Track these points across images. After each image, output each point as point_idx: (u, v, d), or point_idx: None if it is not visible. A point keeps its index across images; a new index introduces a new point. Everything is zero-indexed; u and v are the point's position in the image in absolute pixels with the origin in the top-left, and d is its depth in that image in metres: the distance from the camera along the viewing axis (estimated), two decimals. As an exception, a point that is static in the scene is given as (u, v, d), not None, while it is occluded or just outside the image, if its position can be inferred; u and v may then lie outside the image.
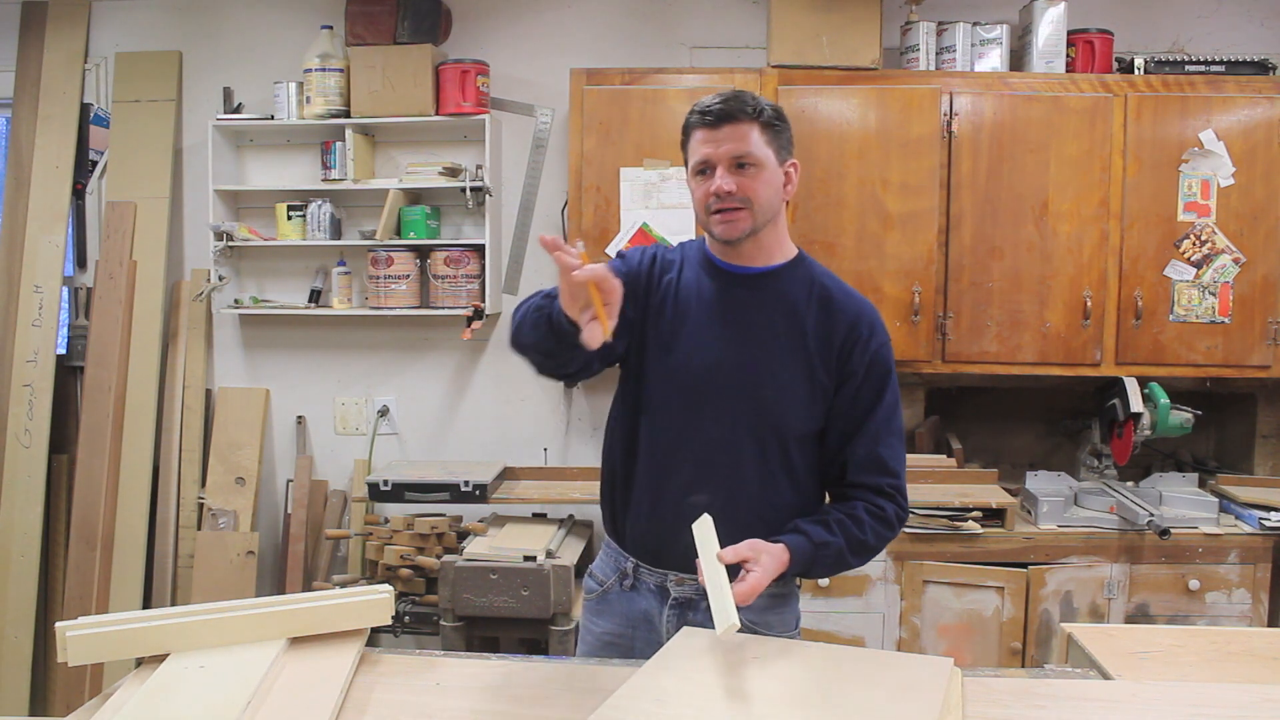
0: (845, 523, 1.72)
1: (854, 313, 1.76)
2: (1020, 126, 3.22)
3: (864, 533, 1.73)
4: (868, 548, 1.75)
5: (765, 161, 1.70)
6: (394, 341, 3.73)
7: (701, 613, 1.77)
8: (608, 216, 3.30)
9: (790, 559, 1.65)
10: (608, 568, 1.89)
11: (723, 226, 1.72)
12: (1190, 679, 1.52)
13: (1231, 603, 3.08)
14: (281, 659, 1.47)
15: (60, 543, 3.68)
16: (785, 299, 1.76)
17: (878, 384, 1.76)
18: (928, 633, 3.09)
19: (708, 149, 1.69)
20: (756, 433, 1.74)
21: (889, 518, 1.75)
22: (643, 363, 1.79)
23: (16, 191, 3.67)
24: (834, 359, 1.75)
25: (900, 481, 1.78)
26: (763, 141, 1.70)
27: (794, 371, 1.74)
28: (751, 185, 1.69)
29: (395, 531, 3.29)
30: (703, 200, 1.72)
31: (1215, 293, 3.22)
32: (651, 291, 1.80)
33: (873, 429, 1.75)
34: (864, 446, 1.75)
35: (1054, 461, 3.64)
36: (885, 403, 1.76)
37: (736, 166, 1.68)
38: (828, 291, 1.78)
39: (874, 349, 1.76)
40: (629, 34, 3.61)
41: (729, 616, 1.45)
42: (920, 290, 3.24)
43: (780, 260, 1.80)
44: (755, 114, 1.69)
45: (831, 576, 1.77)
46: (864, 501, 1.75)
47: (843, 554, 1.72)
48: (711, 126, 1.69)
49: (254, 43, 3.68)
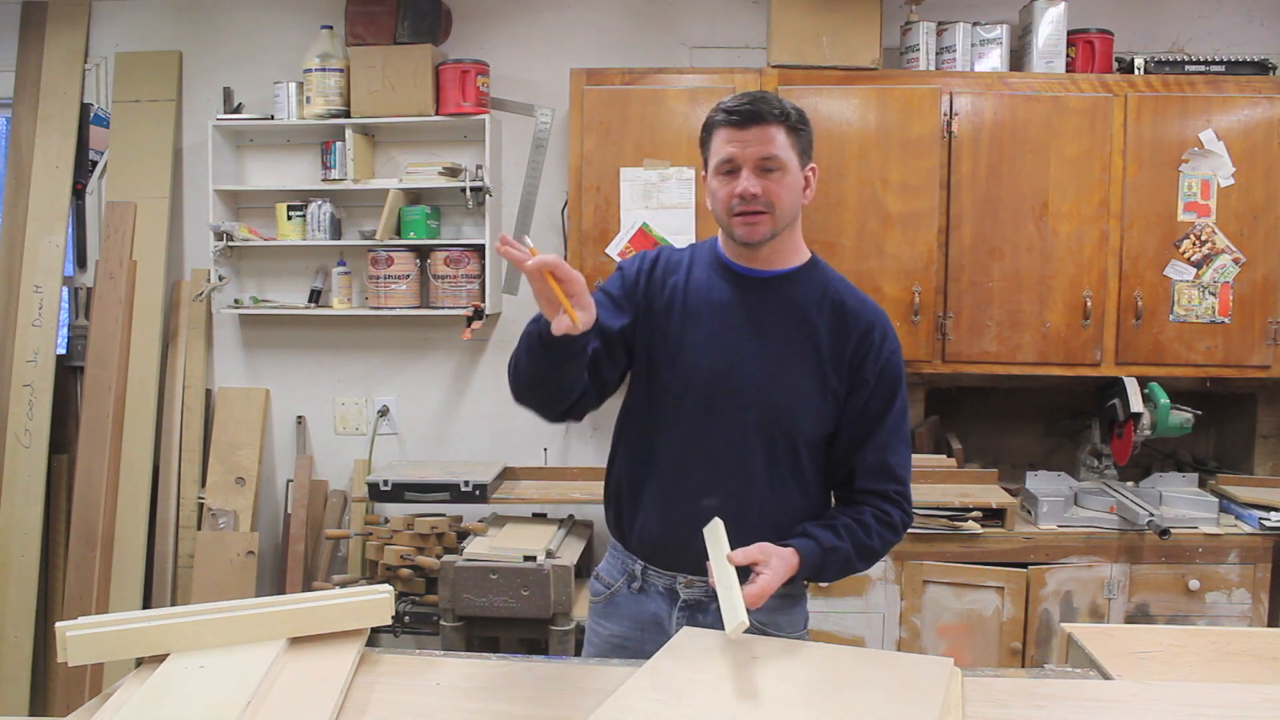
0: (853, 528, 1.73)
1: (867, 320, 1.76)
2: (1020, 126, 3.22)
3: (871, 538, 1.74)
4: (874, 553, 1.76)
5: (789, 165, 1.69)
6: (394, 341, 3.73)
7: (711, 615, 1.77)
8: (608, 216, 3.30)
9: (799, 563, 1.65)
10: (614, 570, 1.88)
11: (744, 229, 1.70)
12: (1190, 679, 1.52)
13: (1231, 603, 3.08)
14: (281, 659, 1.47)
15: (60, 543, 3.68)
16: (798, 303, 1.76)
17: (889, 392, 1.76)
18: (928, 633, 3.09)
19: (733, 149, 1.68)
20: (767, 436, 1.74)
21: (895, 523, 1.76)
22: (652, 365, 1.78)
23: (16, 191, 3.67)
24: (846, 365, 1.75)
25: (906, 488, 1.79)
26: (788, 145, 1.69)
27: (806, 376, 1.74)
28: (775, 189, 1.68)
29: (395, 531, 3.29)
30: (725, 201, 1.70)
31: (1215, 293, 3.22)
32: (654, 295, 1.79)
33: (883, 437, 1.76)
34: (873, 454, 1.76)
35: (1054, 461, 3.64)
36: (895, 410, 1.77)
37: (762, 170, 1.67)
38: (841, 297, 1.77)
39: (886, 356, 1.76)
40: (629, 34, 3.61)
41: (738, 615, 1.46)
42: (920, 290, 3.24)
43: (795, 264, 1.79)
44: (781, 116, 1.68)
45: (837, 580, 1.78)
46: (871, 507, 1.76)
47: (850, 559, 1.73)
48: (738, 126, 1.67)
49: (254, 43, 3.68)
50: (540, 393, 1.69)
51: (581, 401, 1.72)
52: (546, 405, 1.72)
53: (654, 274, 1.81)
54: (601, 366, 1.73)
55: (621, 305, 1.79)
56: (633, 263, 1.84)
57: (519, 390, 1.71)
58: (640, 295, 1.79)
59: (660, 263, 1.82)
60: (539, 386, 1.68)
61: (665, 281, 1.80)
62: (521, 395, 1.71)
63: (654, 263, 1.82)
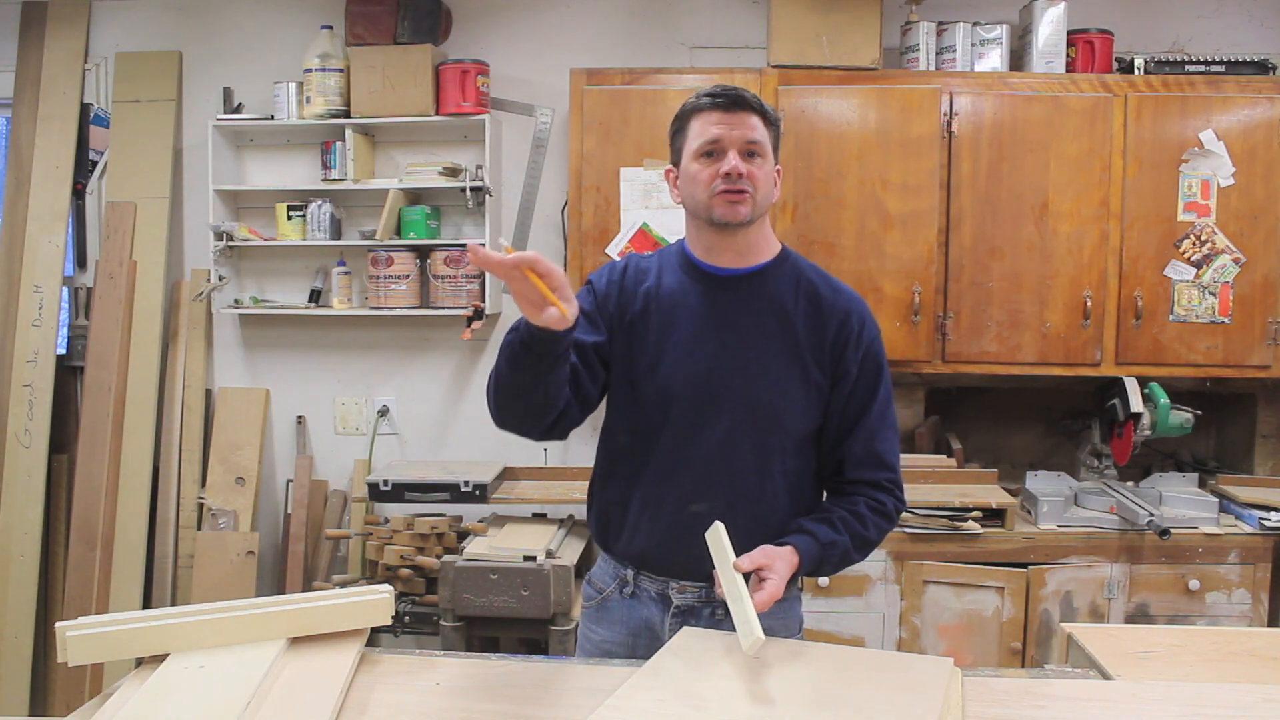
0: (849, 520, 1.72)
1: (844, 308, 1.74)
2: (1020, 126, 3.22)
3: (867, 529, 1.73)
4: (870, 543, 1.76)
5: (768, 154, 1.70)
6: (394, 341, 3.73)
7: (704, 620, 1.77)
8: (608, 216, 3.30)
9: (799, 560, 1.64)
10: (606, 575, 1.87)
11: (726, 208, 1.67)
12: (1190, 679, 1.52)
13: (1231, 603, 3.08)
14: (281, 659, 1.47)
15: (60, 543, 3.68)
16: (773, 298, 1.74)
17: (872, 380, 1.75)
18: (928, 633, 3.09)
19: (720, 130, 1.67)
20: (754, 437, 1.72)
21: (889, 511, 1.76)
22: (631, 377, 1.75)
23: (16, 191, 3.67)
24: (827, 356, 1.73)
25: (897, 475, 1.78)
26: (766, 135, 1.70)
27: (788, 372, 1.72)
28: (757, 174, 1.68)
29: (395, 531, 3.29)
30: (709, 181, 1.67)
31: (1215, 293, 3.22)
32: (627, 306, 1.76)
33: (869, 425, 1.75)
34: (861, 443, 1.75)
35: (1054, 461, 3.64)
36: (880, 398, 1.75)
37: (746, 153, 1.67)
38: (815, 287, 1.76)
39: (866, 344, 1.74)
40: (629, 34, 3.61)
41: (753, 630, 1.43)
42: (920, 290, 3.24)
43: (766, 258, 1.77)
44: (760, 108, 1.70)
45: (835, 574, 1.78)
46: (864, 497, 1.75)
47: (848, 552, 1.72)
48: (724, 110, 1.67)
49: (254, 43, 3.68)
50: (524, 405, 1.62)
51: (566, 415, 1.68)
52: (531, 420, 1.66)
53: (624, 285, 1.78)
54: (582, 381, 1.70)
55: (594, 320, 1.75)
56: (601, 275, 1.81)
57: (501, 407, 1.64)
58: (613, 308, 1.76)
59: (629, 272, 1.79)
60: (523, 397, 1.61)
61: (636, 291, 1.77)
62: (504, 413, 1.65)
63: (623, 273, 1.79)
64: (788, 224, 3.24)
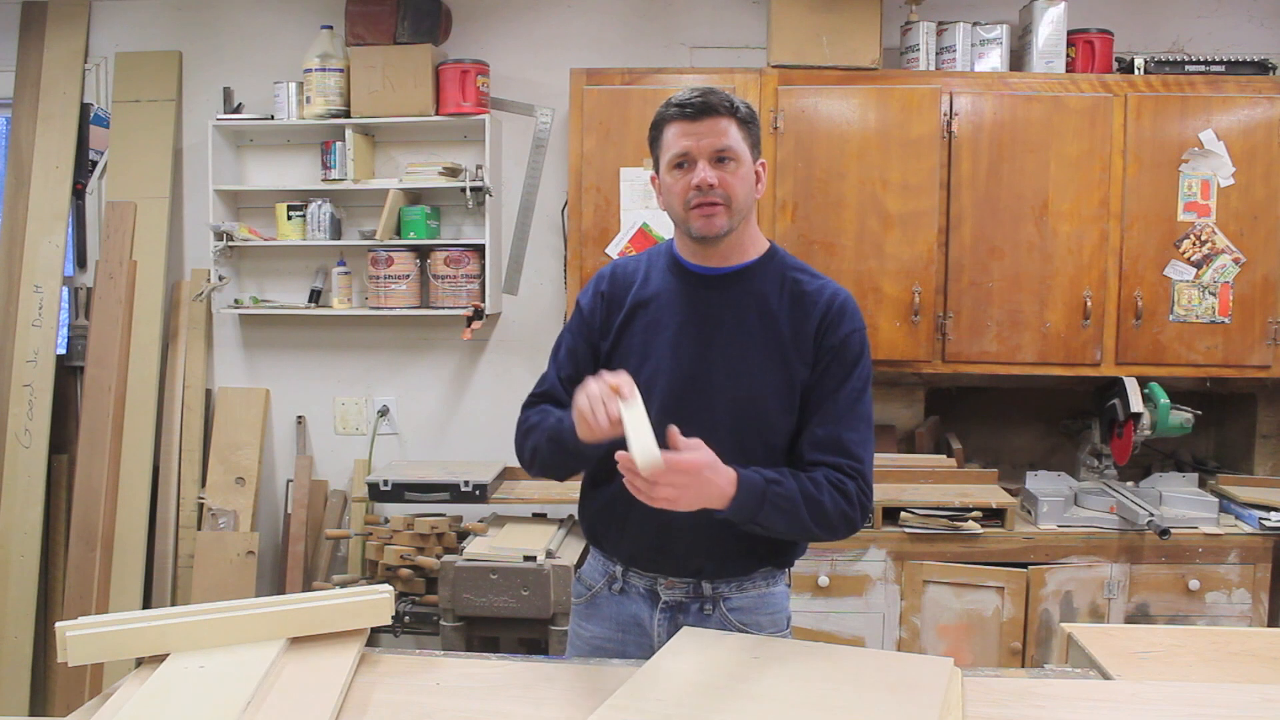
0: (800, 477, 1.65)
1: (824, 303, 1.73)
2: (1020, 127, 3.22)
3: (820, 494, 1.63)
4: (824, 512, 1.64)
5: (742, 157, 1.69)
6: (394, 341, 3.73)
7: (693, 616, 1.77)
8: (608, 216, 3.30)
9: (737, 487, 1.57)
10: (595, 571, 1.88)
11: (702, 222, 1.68)
12: (1190, 679, 1.52)
13: (1231, 603, 3.08)
14: (281, 659, 1.47)
15: (60, 543, 3.68)
16: (758, 297, 1.74)
17: (844, 368, 1.71)
18: (928, 633, 3.09)
19: (688, 142, 1.67)
20: (738, 436, 1.70)
21: (850, 492, 1.66)
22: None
23: (16, 191, 3.67)
24: (809, 350, 1.72)
25: (864, 467, 1.69)
26: (740, 137, 1.68)
27: (772, 371, 1.71)
28: (731, 181, 1.67)
29: (395, 531, 3.29)
30: (682, 194, 1.68)
31: (1215, 293, 3.22)
32: (614, 313, 1.79)
33: (836, 411, 1.69)
34: (823, 427, 1.69)
35: (1054, 461, 3.64)
36: (851, 387, 1.71)
37: (716, 161, 1.67)
38: (799, 284, 1.75)
39: (844, 334, 1.71)
40: (629, 34, 3.61)
41: (650, 452, 1.43)
42: (920, 290, 3.24)
43: (753, 256, 1.77)
44: (732, 110, 1.68)
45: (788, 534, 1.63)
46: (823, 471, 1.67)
47: (795, 503, 1.61)
48: (691, 119, 1.67)
49: (254, 43, 3.68)
50: (562, 473, 1.81)
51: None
52: (564, 477, 1.84)
53: (610, 293, 1.81)
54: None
55: (592, 343, 1.81)
56: (587, 292, 1.84)
57: (535, 469, 1.81)
58: (599, 322, 1.80)
59: (613, 278, 1.82)
60: (561, 469, 1.80)
61: (623, 296, 1.79)
62: (536, 471, 1.81)
63: (609, 280, 1.82)
64: (788, 224, 3.24)
